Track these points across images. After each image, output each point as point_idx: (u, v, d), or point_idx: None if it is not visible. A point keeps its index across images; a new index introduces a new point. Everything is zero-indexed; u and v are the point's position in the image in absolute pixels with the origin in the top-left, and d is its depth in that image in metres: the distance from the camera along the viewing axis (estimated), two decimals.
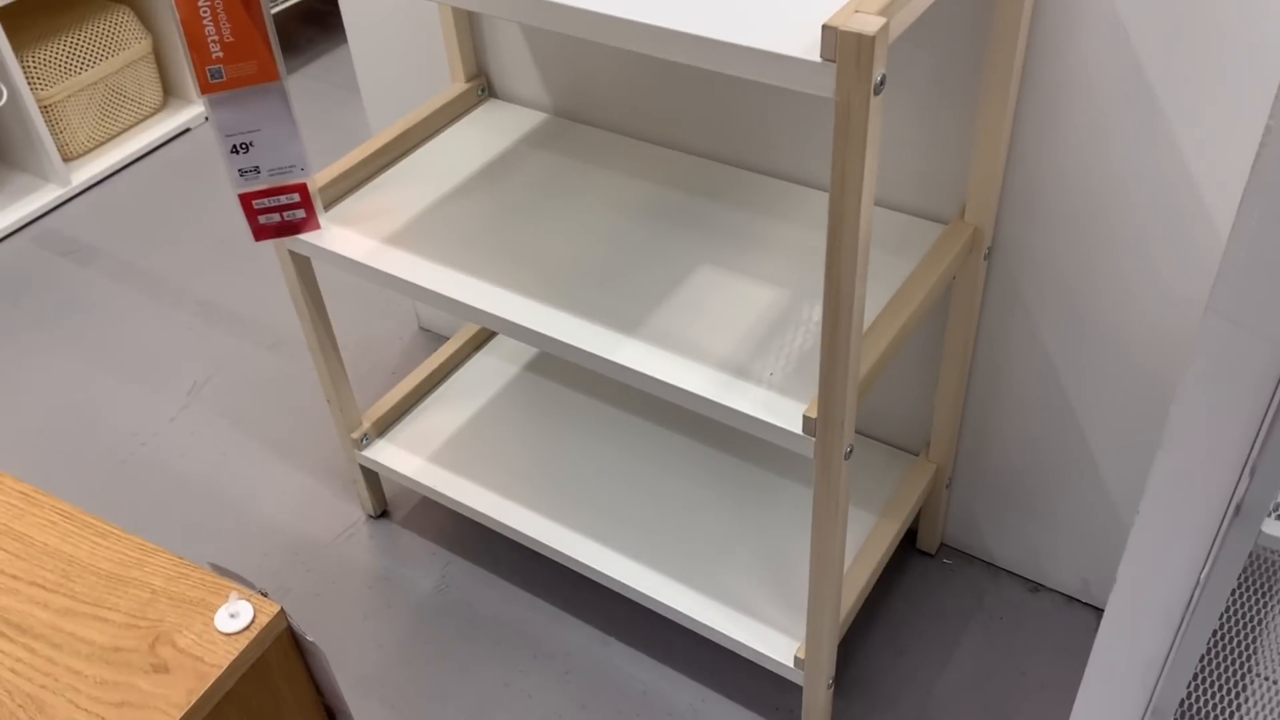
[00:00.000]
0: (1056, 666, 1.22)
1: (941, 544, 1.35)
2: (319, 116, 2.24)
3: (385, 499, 1.44)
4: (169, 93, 2.31)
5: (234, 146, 1.04)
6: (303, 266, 1.17)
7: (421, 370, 1.41)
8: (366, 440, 1.34)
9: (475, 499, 1.27)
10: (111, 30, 2.12)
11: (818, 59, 0.66)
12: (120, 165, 2.15)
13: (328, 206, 1.16)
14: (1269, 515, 0.63)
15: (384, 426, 1.36)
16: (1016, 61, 0.91)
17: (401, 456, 1.33)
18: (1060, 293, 1.06)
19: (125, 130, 2.21)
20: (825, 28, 0.65)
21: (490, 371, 1.44)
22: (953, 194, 1.06)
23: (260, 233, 1.10)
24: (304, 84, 2.37)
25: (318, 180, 1.14)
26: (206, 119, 2.25)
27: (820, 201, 1.12)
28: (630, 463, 1.30)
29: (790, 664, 1.08)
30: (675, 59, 0.72)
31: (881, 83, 0.67)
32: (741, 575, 1.16)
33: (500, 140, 1.24)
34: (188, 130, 2.25)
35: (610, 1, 0.74)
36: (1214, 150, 0.90)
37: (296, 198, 1.09)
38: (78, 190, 2.08)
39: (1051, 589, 1.29)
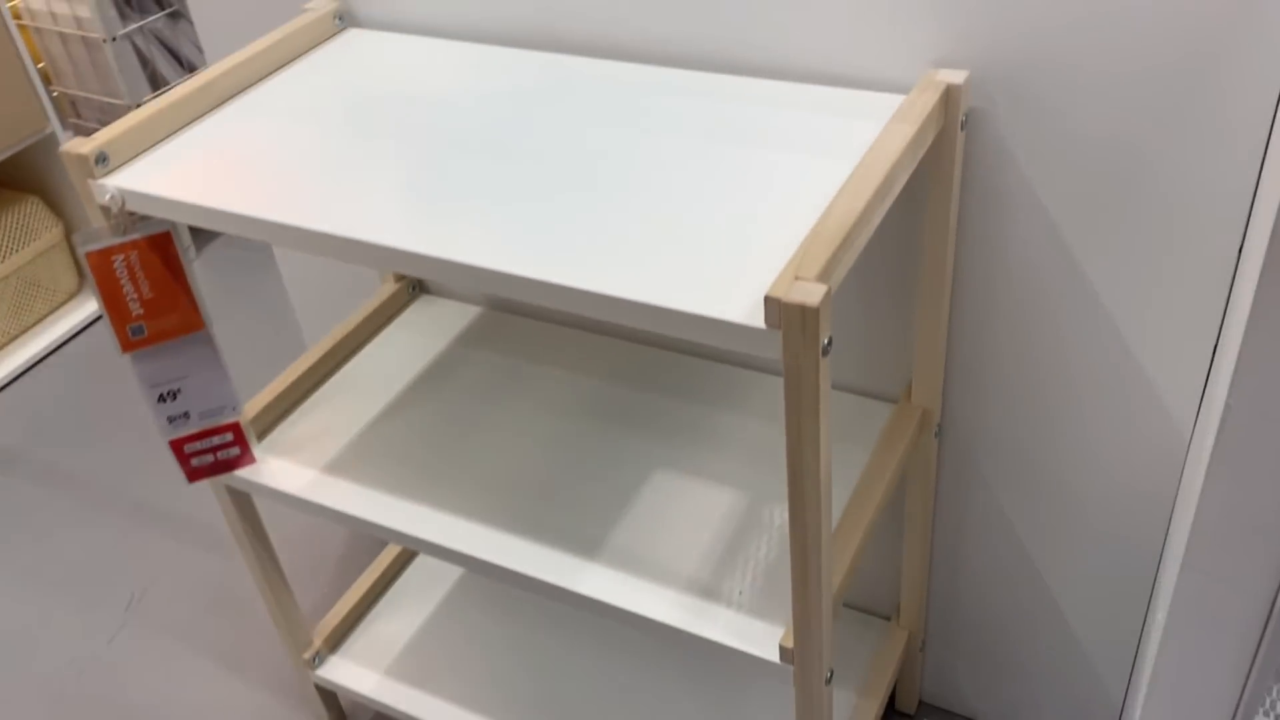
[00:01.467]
0: None
1: (920, 702, 1.32)
2: (237, 289, 2.20)
3: (344, 713, 1.38)
4: (83, 276, 2.26)
5: (160, 395, 1.00)
6: (241, 501, 1.13)
7: (371, 572, 1.36)
8: (319, 659, 1.28)
9: (439, 715, 1.22)
10: (22, 221, 2.07)
11: (762, 325, 0.65)
12: (37, 359, 2.08)
13: (261, 435, 1.12)
14: None
15: (336, 641, 1.30)
16: (948, 253, 0.92)
17: (357, 673, 1.27)
18: (1014, 462, 1.06)
19: (40, 321, 2.15)
20: (768, 299, 0.64)
21: (443, 565, 1.40)
22: (898, 375, 1.06)
23: (194, 475, 1.06)
24: (218, 251, 2.33)
25: (249, 410, 1.10)
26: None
27: (768, 385, 1.11)
28: (594, 657, 1.26)
29: None
30: (615, 320, 0.71)
31: (829, 344, 0.66)
32: None
33: (435, 342, 1.22)
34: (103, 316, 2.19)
35: (539, 266, 0.73)
36: (1156, 322, 0.91)
37: (230, 436, 1.05)
38: None
39: None
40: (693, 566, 0.93)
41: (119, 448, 1.85)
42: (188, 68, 2.25)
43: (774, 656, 0.85)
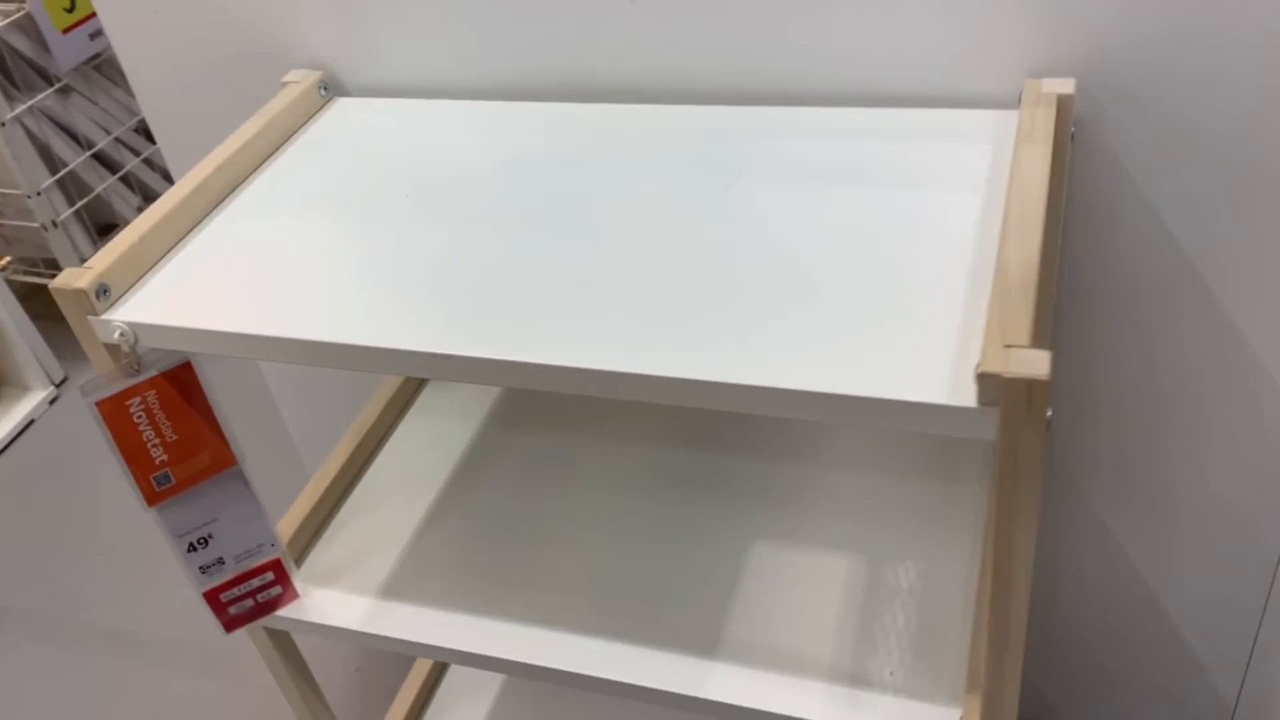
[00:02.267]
0: None
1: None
2: None
3: None
4: (1, 383, 2.06)
5: (190, 544, 0.87)
6: (282, 642, 1.00)
7: (410, 685, 1.24)
8: None
9: None
10: None
11: (972, 404, 0.57)
12: None
13: (296, 563, 0.99)
14: None
15: None
16: (1054, 267, 0.85)
17: None
18: (1119, 475, 1.00)
19: None
20: (983, 375, 0.55)
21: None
22: None
23: (231, 624, 0.93)
24: None
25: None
26: (52, 402, 2.02)
27: (839, 431, 1.03)
28: None
29: None
30: (774, 414, 0.62)
31: (1050, 417, 0.58)
32: None
33: (460, 429, 1.11)
34: (31, 423, 2.00)
35: (670, 362, 0.63)
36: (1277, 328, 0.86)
37: (270, 576, 0.92)
38: None
39: None
40: (828, 650, 0.84)
41: (75, 573, 1.67)
42: (86, 145, 2.06)
43: None
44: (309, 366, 1.25)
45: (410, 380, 1.16)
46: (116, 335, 0.76)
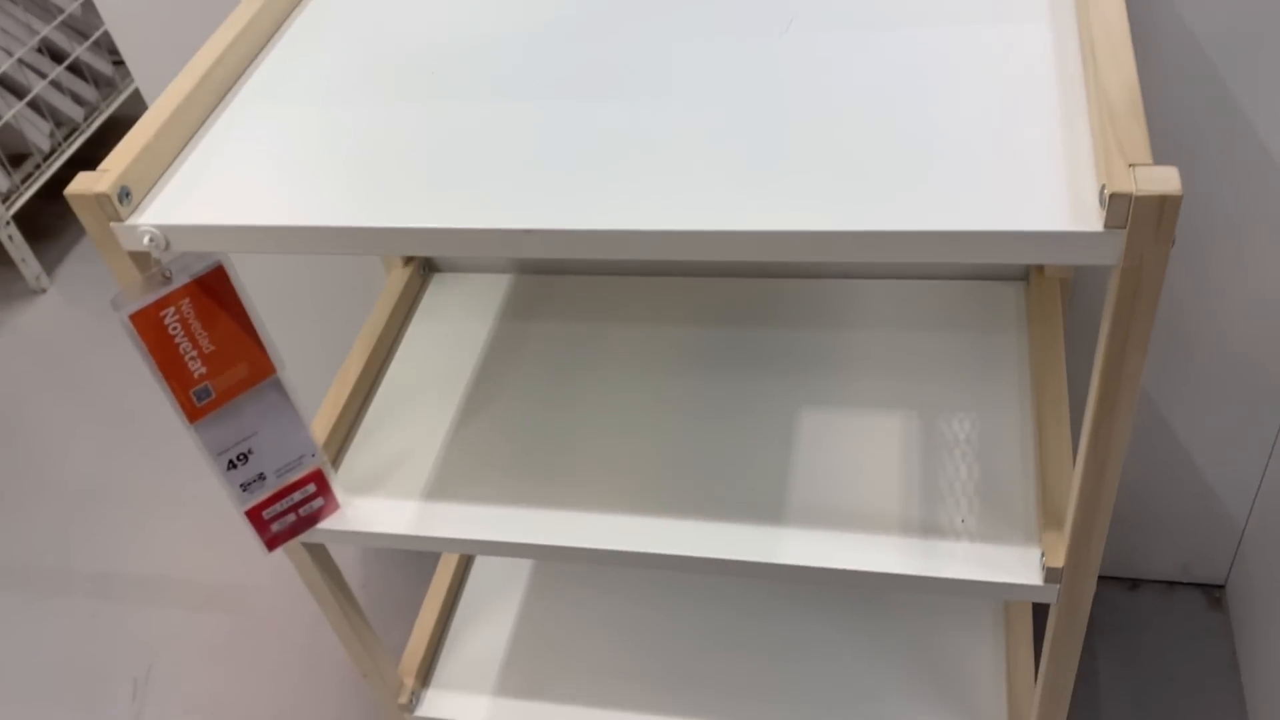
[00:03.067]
0: (1196, 659, 1.20)
1: None
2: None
3: None
4: None
5: (230, 461, 0.83)
6: (320, 556, 0.97)
7: (435, 590, 1.22)
8: (415, 699, 1.14)
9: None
10: None
11: (1099, 228, 0.56)
12: None
13: None
14: None
15: (425, 674, 1.17)
16: None
17: (460, 703, 1.14)
18: None
19: None
20: (1114, 196, 0.54)
21: (508, 562, 1.27)
22: None
23: (274, 541, 0.90)
24: (72, 268, 2.04)
25: None
26: None
27: (861, 292, 1.02)
28: (704, 610, 1.17)
29: None
30: (886, 259, 0.60)
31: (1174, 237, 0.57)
32: (893, 705, 1.06)
33: (475, 325, 1.07)
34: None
35: (784, 216, 0.61)
36: None
37: (313, 488, 0.89)
38: None
39: (1150, 580, 1.27)
40: (894, 505, 0.85)
41: (50, 515, 1.60)
42: None
43: (1037, 580, 0.78)
44: (292, 275, 1.20)
45: (414, 277, 1.11)
46: (146, 241, 0.70)
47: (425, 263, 1.13)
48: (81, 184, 0.69)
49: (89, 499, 1.61)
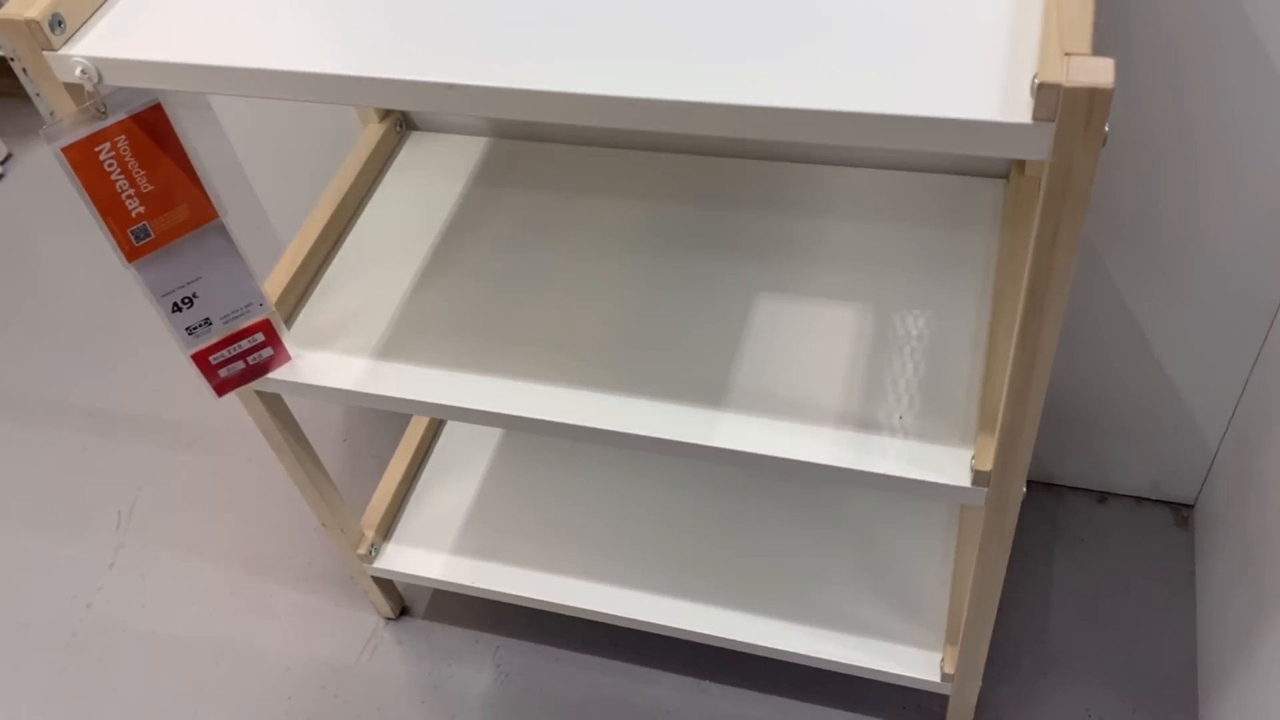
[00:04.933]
0: (1155, 575, 1.20)
1: None
2: None
3: (401, 597, 1.28)
4: None
5: (175, 304, 0.83)
6: (275, 405, 0.98)
7: (404, 448, 1.24)
8: (375, 550, 1.17)
9: (515, 584, 1.13)
10: None
11: (1026, 120, 0.53)
12: None
13: (285, 324, 0.96)
14: None
15: (386, 529, 1.19)
16: None
17: (419, 558, 1.17)
18: (1114, 214, 0.98)
19: None
20: (1043, 85, 0.52)
21: (477, 427, 1.28)
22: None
23: (223, 387, 0.91)
24: None
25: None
26: (3, 160, 1.92)
27: (833, 179, 0.99)
28: (666, 492, 1.18)
29: (938, 679, 1.01)
30: (829, 140, 0.58)
31: (1107, 134, 0.54)
32: (837, 593, 1.07)
33: (448, 185, 1.06)
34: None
35: (706, 87, 0.59)
36: None
37: (260, 337, 0.89)
38: None
39: (1120, 494, 1.26)
40: (835, 396, 0.84)
41: (46, 347, 1.63)
42: None
43: (965, 481, 0.77)
44: (281, 127, 1.18)
45: (389, 133, 1.09)
46: (78, 73, 0.69)
47: (402, 119, 1.11)
48: (12, 8, 0.68)
49: (90, 334, 1.64)
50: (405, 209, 1.04)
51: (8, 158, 1.98)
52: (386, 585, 1.23)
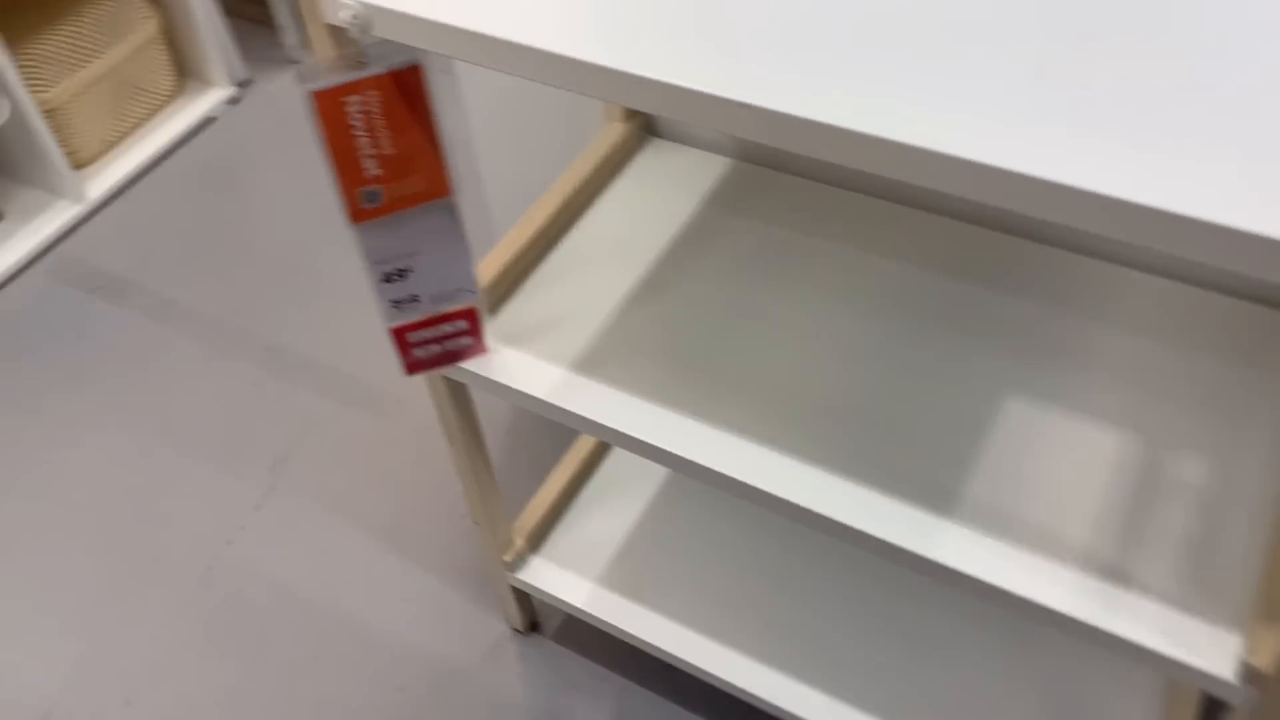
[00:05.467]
0: None
1: None
2: None
3: (535, 611, 1.22)
4: (184, 74, 2.00)
5: (387, 274, 0.78)
6: (459, 394, 0.92)
7: (569, 461, 1.17)
8: (521, 560, 1.11)
9: (656, 632, 1.05)
10: (114, 14, 1.80)
11: None
12: (140, 171, 1.86)
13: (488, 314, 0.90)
14: None
15: (536, 540, 1.13)
16: None
17: (562, 579, 1.10)
18: None
19: (140, 125, 1.91)
20: None
21: None
22: None
23: (415, 366, 0.85)
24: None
25: None
26: (233, 102, 1.96)
27: (1135, 282, 0.87)
28: (837, 576, 1.08)
29: None
30: (1124, 236, 0.47)
31: None
32: None
33: (680, 201, 0.98)
34: (212, 120, 1.95)
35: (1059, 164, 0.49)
36: None
37: (464, 324, 0.84)
38: (95, 206, 1.79)
39: None
40: (1084, 535, 0.72)
41: (243, 280, 1.64)
42: None
43: (1228, 674, 0.65)
44: (522, 107, 1.14)
45: (630, 136, 1.03)
46: (347, 17, 0.64)
47: (646, 123, 1.04)
48: None
49: (289, 271, 1.64)
50: (633, 217, 0.97)
51: (247, 82, 2.02)
52: (523, 597, 1.17)
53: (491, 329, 0.89)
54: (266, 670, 1.21)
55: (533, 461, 1.37)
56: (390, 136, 0.70)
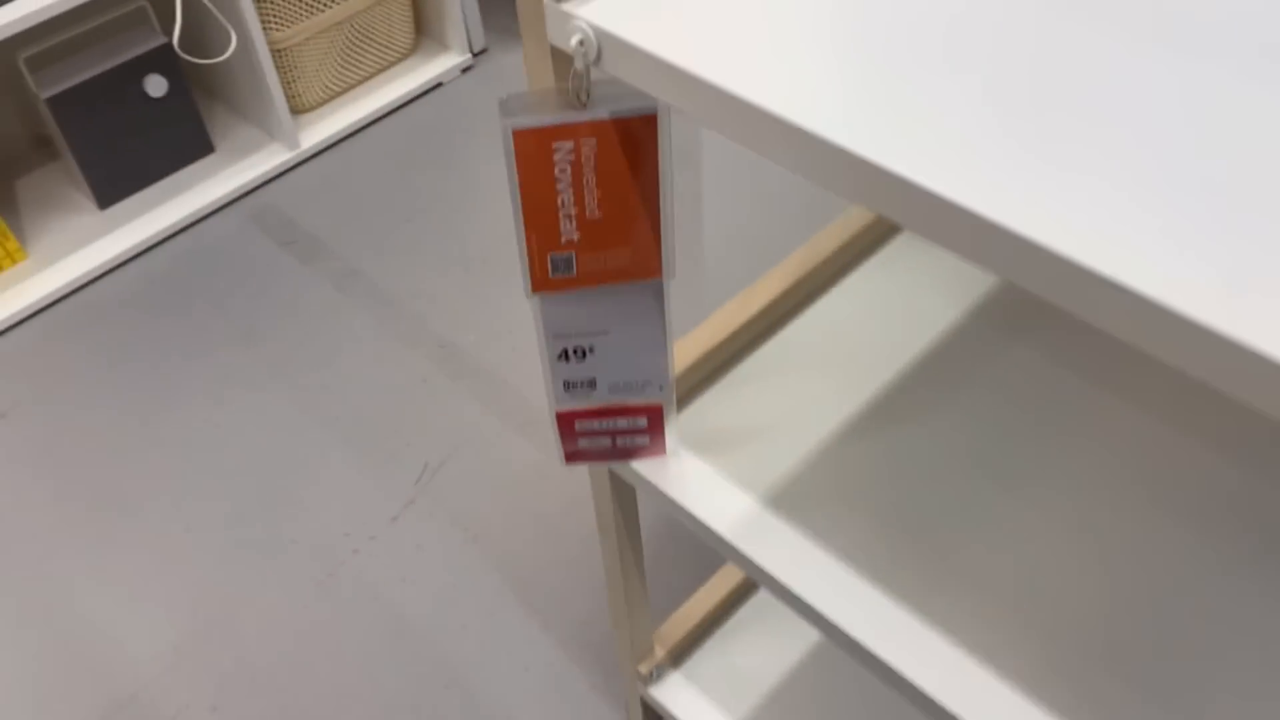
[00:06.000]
0: None
1: None
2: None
3: None
4: (420, 33, 1.93)
5: (564, 351, 0.63)
6: (624, 494, 0.77)
7: (729, 575, 1.01)
8: (658, 674, 0.95)
9: None
10: None
11: None
12: (357, 126, 1.79)
13: None
14: None
15: (679, 655, 0.97)
16: None
17: (703, 708, 0.94)
18: None
19: (366, 80, 1.85)
20: None
21: None
22: None
23: (574, 456, 0.70)
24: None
25: None
26: (465, 70, 1.87)
27: None
28: None
29: None
30: None
31: None
32: None
33: (936, 309, 0.80)
34: (439, 85, 1.87)
35: None
36: None
37: (643, 422, 0.68)
38: (306, 155, 1.73)
39: None
40: None
41: (434, 261, 1.54)
42: None
43: None
44: (761, 171, 0.97)
45: (881, 222, 0.85)
46: (574, 41, 0.49)
47: None
48: None
49: (480, 264, 1.54)
50: (872, 318, 0.79)
51: (483, 51, 1.93)
52: (650, 712, 1.01)
53: (674, 427, 0.73)
54: (356, 709, 1.09)
55: (689, 559, 1.21)
56: (600, 197, 0.54)
